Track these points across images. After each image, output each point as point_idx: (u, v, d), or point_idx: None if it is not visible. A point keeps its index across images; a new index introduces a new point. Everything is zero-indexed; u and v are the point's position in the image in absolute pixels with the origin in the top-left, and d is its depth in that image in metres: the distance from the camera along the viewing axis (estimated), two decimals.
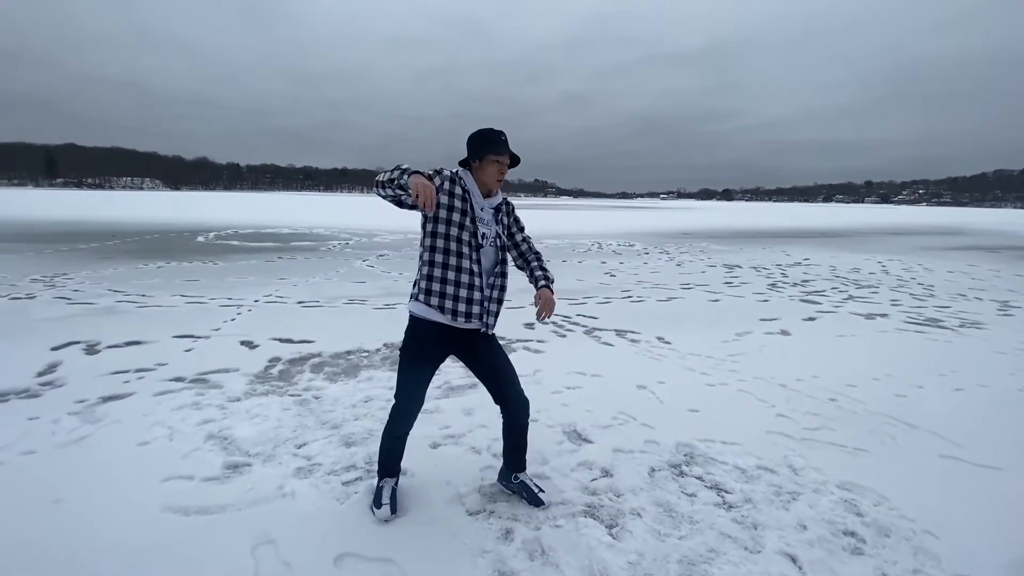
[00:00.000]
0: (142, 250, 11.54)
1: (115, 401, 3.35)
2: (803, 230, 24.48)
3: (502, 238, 2.20)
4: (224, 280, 7.98)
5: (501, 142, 2.08)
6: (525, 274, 2.34)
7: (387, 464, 2.29)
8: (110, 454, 2.69)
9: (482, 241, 2.10)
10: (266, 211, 31.27)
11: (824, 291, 8.17)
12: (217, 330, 5.10)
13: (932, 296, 7.88)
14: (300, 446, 2.83)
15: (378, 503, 2.22)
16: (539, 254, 2.36)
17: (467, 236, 2.06)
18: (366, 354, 4.49)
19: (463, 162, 2.16)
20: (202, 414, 3.18)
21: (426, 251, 2.08)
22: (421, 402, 2.24)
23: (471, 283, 2.07)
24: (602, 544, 2.07)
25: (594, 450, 2.84)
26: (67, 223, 18.30)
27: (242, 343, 4.70)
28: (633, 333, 5.38)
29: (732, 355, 4.66)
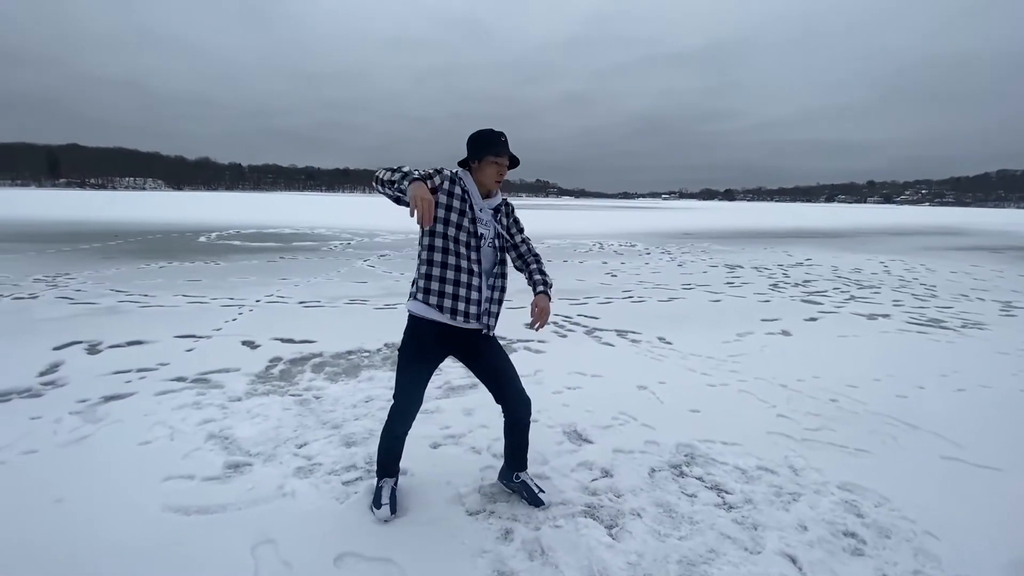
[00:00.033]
0: (144, 250, 11.57)
1: (116, 401, 3.36)
2: (805, 230, 24.44)
3: (501, 239, 2.20)
4: (226, 280, 8.00)
5: (500, 143, 2.08)
6: (524, 276, 2.33)
7: (386, 464, 2.29)
8: (111, 454, 2.69)
9: (481, 242, 2.11)
10: (268, 211, 31.33)
11: (826, 291, 8.15)
12: (218, 330, 5.12)
13: (934, 296, 7.86)
14: (301, 446, 2.83)
15: (378, 503, 2.22)
16: (539, 256, 2.35)
17: (465, 236, 2.06)
18: (367, 354, 4.50)
19: (463, 162, 2.17)
20: (203, 414, 3.19)
21: (425, 250, 2.08)
22: (420, 402, 2.24)
23: (470, 283, 2.07)
24: (602, 544, 2.07)
25: (594, 450, 2.84)
26: (70, 223, 18.36)
27: (243, 343, 4.71)
28: (634, 333, 5.38)
29: (733, 355, 4.65)
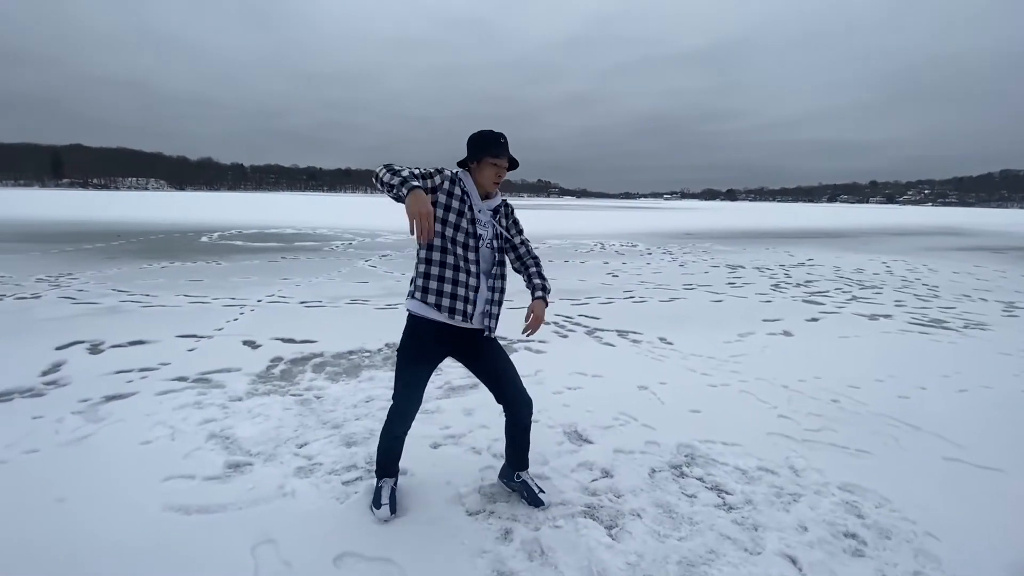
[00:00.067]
0: (147, 250, 11.60)
1: (118, 400, 3.37)
2: (807, 230, 24.39)
3: (500, 240, 2.20)
4: (227, 280, 8.01)
5: (500, 145, 2.07)
6: (522, 278, 2.33)
7: (385, 465, 2.29)
8: (112, 453, 2.70)
9: (479, 242, 2.11)
10: (270, 211, 31.38)
11: (827, 292, 8.14)
12: (220, 330, 5.13)
13: (936, 297, 7.84)
14: (301, 446, 2.84)
15: (377, 503, 2.22)
16: (538, 259, 2.35)
17: (463, 237, 2.06)
18: (368, 354, 4.50)
19: (462, 162, 2.17)
20: (204, 413, 3.20)
21: (423, 249, 2.08)
22: (419, 403, 2.24)
23: (467, 283, 2.07)
24: (601, 545, 2.07)
25: (594, 451, 2.84)
26: (73, 223, 18.42)
27: (244, 343, 4.71)
28: (635, 333, 5.38)
29: (734, 356, 4.65)
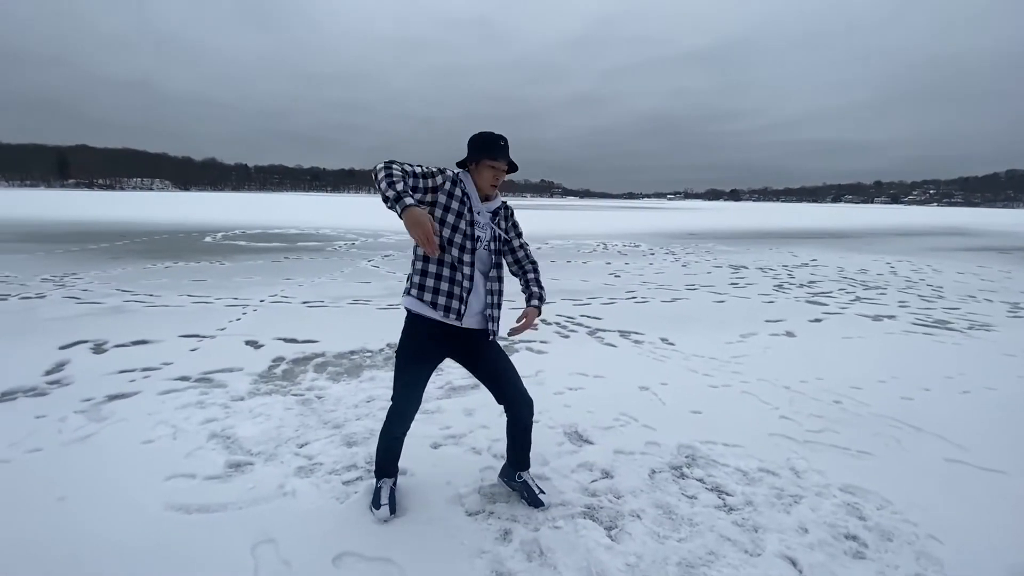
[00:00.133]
0: (150, 250, 11.65)
1: (121, 400, 3.38)
2: (811, 231, 24.30)
3: (498, 242, 2.20)
4: (230, 280, 8.04)
5: (499, 148, 2.07)
6: (519, 281, 2.34)
7: (384, 465, 2.29)
8: (114, 452, 2.71)
9: (477, 244, 2.11)
10: (273, 211, 31.47)
11: (831, 292, 8.11)
12: (222, 330, 5.15)
13: (941, 298, 7.80)
14: (302, 445, 2.85)
15: (377, 504, 2.23)
16: (536, 264, 2.35)
17: (461, 238, 2.06)
18: (369, 354, 4.51)
19: (462, 163, 2.17)
20: (206, 413, 3.21)
21: (420, 247, 2.06)
22: (418, 403, 2.24)
23: (462, 283, 2.07)
24: (600, 546, 2.07)
25: (595, 451, 2.84)
26: (78, 223, 18.52)
27: (247, 343, 4.73)
28: (637, 334, 5.37)
29: (736, 356, 4.63)
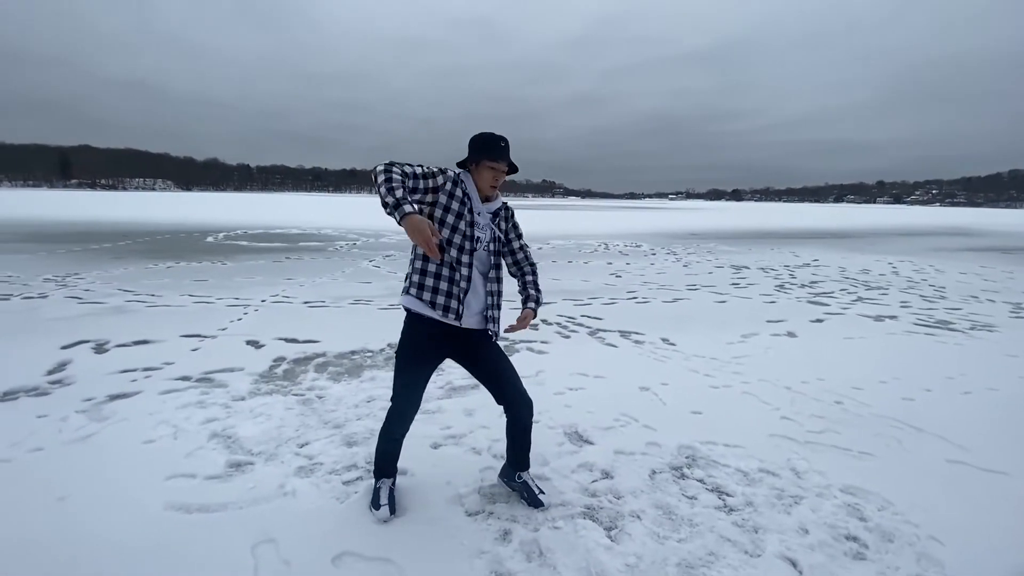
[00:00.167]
0: (153, 250, 11.67)
1: (122, 399, 3.39)
2: (813, 231, 24.26)
3: (497, 243, 2.20)
4: (232, 280, 8.05)
5: (500, 149, 2.07)
6: (517, 283, 2.35)
7: (383, 466, 2.29)
8: (115, 452, 2.72)
9: (476, 244, 2.11)
10: (275, 211, 31.53)
11: (833, 292, 8.09)
12: (224, 330, 5.15)
13: (943, 298, 7.78)
14: (302, 445, 2.85)
15: (376, 504, 2.23)
16: (535, 266, 2.36)
17: (460, 239, 2.06)
18: (370, 354, 4.51)
19: (462, 163, 2.17)
20: (207, 413, 3.21)
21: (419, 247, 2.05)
22: (418, 404, 2.24)
23: (459, 284, 2.07)
24: (600, 546, 2.06)
25: (595, 452, 2.84)
26: (80, 224, 18.57)
27: (248, 343, 4.74)
28: (637, 334, 5.37)
29: (737, 357, 4.63)
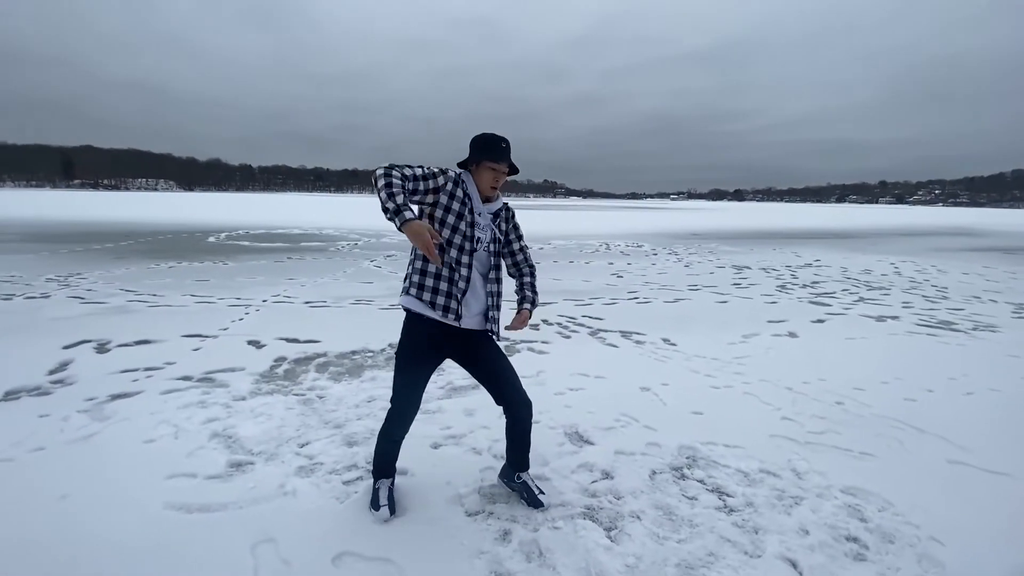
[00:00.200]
0: (155, 250, 11.70)
1: (123, 399, 3.40)
2: (815, 231, 24.21)
3: (497, 243, 2.20)
4: (233, 280, 8.07)
5: (501, 150, 2.07)
6: (515, 283, 2.37)
7: (382, 466, 2.30)
8: (116, 451, 2.73)
9: (477, 245, 2.11)
10: (277, 212, 31.58)
11: (834, 293, 8.07)
12: (225, 330, 5.16)
13: (945, 298, 7.76)
14: (303, 445, 2.85)
15: (376, 504, 2.23)
16: (533, 268, 2.37)
17: (460, 239, 2.06)
18: (371, 354, 4.52)
19: (463, 163, 2.16)
20: (207, 412, 3.22)
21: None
22: (417, 406, 2.24)
23: (459, 284, 2.07)
24: (600, 546, 2.06)
25: (595, 452, 2.83)
26: (83, 224, 18.63)
27: (249, 343, 4.75)
28: (638, 334, 5.36)
29: (738, 357, 4.62)
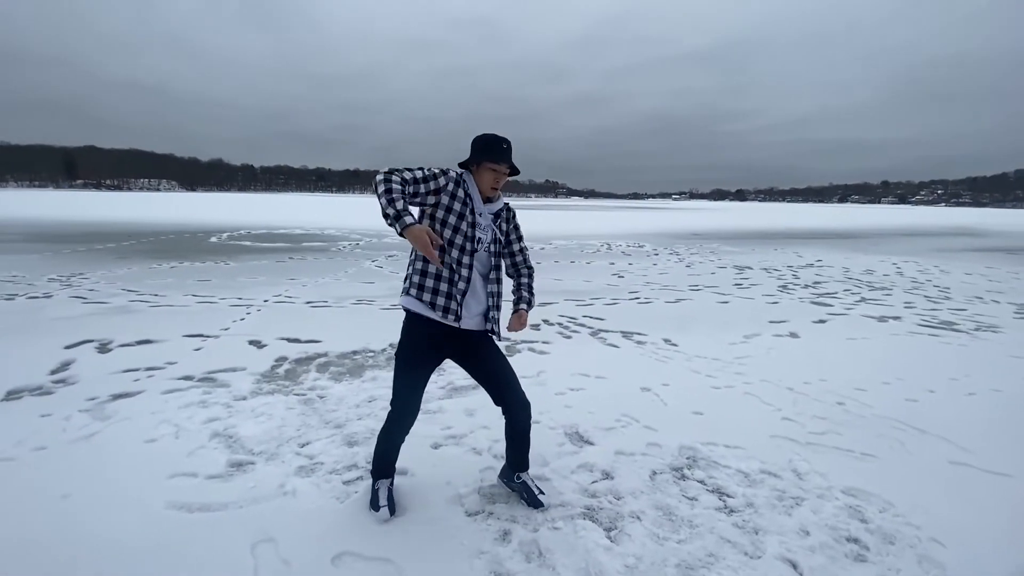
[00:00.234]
0: (157, 250, 11.73)
1: (125, 399, 3.41)
2: (816, 231, 24.17)
3: (498, 244, 2.20)
4: (235, 280, 8.08)
5: (502, 151, 2.06)
6: (512, 283, 2.36)
7: (381, 467, 2.30)
8: (118, 451, 2.73)
9: (477, 245, 2.11)
10: (279, 212, 31.63)
11: (836, 293, 8.06)
12: (226, 329, 5.17)
13: (947, 299, 7.74)
14: (303, 445, 2.86)
15: (376, 505, 2.23)
16: (532, 269, 2.37)
17: (461, 239, 2.06)
18: (371, 354, 4.52)
19: (464, 163, 2.16)
20: (208, 412, 3.23)
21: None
22: (418, 408, 2.24)
23: (459, 285, 2.07)
24: (599, 547, 2.06)
25: (595, 452, 2.83)
26: (85, 224, 18.68)
27: (250, 343, 4.75)
28: (639, 335, 5.36)
29: (739, 357, 4.61)
